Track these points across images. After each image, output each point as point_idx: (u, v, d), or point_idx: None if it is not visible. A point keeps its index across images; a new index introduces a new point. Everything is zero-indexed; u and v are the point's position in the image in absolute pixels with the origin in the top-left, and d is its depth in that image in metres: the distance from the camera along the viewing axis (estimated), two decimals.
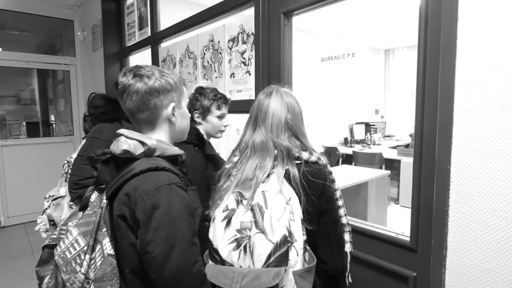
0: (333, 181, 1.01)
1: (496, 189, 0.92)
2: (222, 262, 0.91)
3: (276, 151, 0.97)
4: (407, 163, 4.55)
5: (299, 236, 0.89)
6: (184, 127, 0.96)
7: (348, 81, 5.67)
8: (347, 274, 1.07)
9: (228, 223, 0.91)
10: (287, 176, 0.94)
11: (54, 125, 4.69)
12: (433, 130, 1.05)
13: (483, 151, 0.94)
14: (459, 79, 0.97)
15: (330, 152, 4.95)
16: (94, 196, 0.85)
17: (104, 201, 0.81)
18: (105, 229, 0.78)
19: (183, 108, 0.94)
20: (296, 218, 0.90)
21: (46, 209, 1.59)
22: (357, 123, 5.90)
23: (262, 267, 0.86)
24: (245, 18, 1.80)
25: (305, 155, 0.98)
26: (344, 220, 1.05)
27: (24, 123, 4.34)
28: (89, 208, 0.83)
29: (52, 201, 1.58)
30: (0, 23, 4.11)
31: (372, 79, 6.37)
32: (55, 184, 1.68)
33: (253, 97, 1.77)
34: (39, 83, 4.63)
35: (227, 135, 2.03)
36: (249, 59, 1.80)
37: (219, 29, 2.01)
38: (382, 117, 6.81)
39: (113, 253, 0.77)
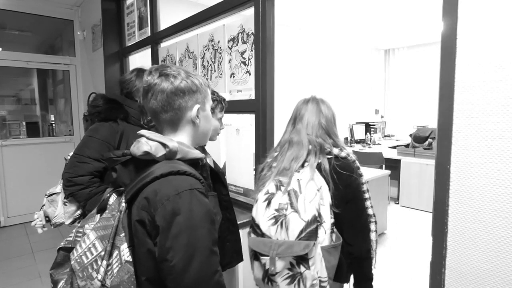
0: (360, 175, 1.18)
1: (496, 189, 0.92)
2: (262, 235, 1.11)
3: (310, 146, 1.17)
4: (407, 163, 4.55)
5: (327, 218, 1.08)
6: (207, 130, 0.94)
7: (348, 80, 5.67)
8: (373, 261, 1.22)
9: (268, 204, 1.12)
10: (319, 167, 1.13)
11: (54, 125, 4.69)
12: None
13: (483, 151, 0.94)
14: (459, 79, 0.97)
15: None
16: (112, 199, 0.82)
17: (123, 204, 0.78)
18: (123, 234, 0.75)
19: (207, 110, 0.92)
20: (325, 203, 1.09)
21: (44, 205, 1.60)
22: (357, 123, 5.91)
23: (295, 240, 1.04)
24: (245, 18, 1.80)
25: (335, 150, 1.17)
26: (370, 211, 1.21)
27: (24, 123, 4.34)
28: (107, 211, 0.80)
29: (47, 197, 1.59)
30: (0, 23, 4.11)
31: (372, 79, 6.37)
32: (55, 184, 1.68)
33: (253, 97, 1.77)
34: (39, 83, 4.64)
35: (227, 135, 2.04)
36: (249, 59, 1.80)
37: (219, 29, 2.01)
38: (382, 117, 6.81)
39: (131, 259, 0.74)
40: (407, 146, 4.85)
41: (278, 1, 1.72)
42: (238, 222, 1.70)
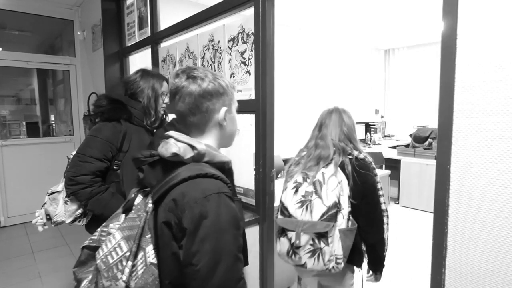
0: (375, 174, 1.41)
1: (496, 189, 0.92)
2: (290, 216, 1.35)
3: (334, 148, 1.42)
4: (407, 163, 4.55)
5: (346, 206, 1.32)
6: (232, 133, 0.93)
7: (348, 80, 5.67)
8: (385, 247, 1.44)
9: (296, 191, 1.37)
10: (341, 165, 1.38)
11: (54, 125, 4.69)
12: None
13: (483, 151, 0.94)
14: (459, 79, 0.97)
15: None
16: (138, 199, 0.81)
17: (150, 205, 0.76)
18: (149, 235, 0.74)
19: (233, 112, 0.91)
20: (344, 194, 1.33)
21: (45, 203, 1.60)
22: (357, 123, 5.89)
23: (318, 220, 1.28)
24: (245, 18, 1.80)
25: (355, 153, 1.43)
26: (383, 206, 1.43)
27: (24, 123, 4.34)
28: (133, 212, 0.78)
29: (49, 195, 1.59)
30: (0, 23, 4.11)
31: (372, 79, 6.37)
32: (55, 184, 1.68)
33: (253, 97, 1.77)
34: (39, 83, 4.64)
35: None
36: (249, 59, 1.80)
37: (219, 29, 2.01)
38: (382, 117, 6.81)
39: (156, 262, 0.73)
40: (407, 146, 4.85)
41: (278, 1, 1.72)
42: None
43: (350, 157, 1.41)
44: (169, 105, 0.85)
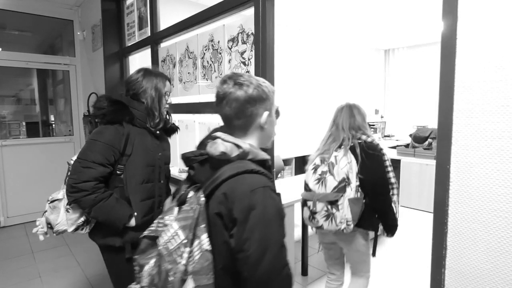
0: (383, 153, 1.72)
1: (496, 189, 0.92)
2: (310, 190, 1.75)
3: (344, 135, 1.77)
4: (407, 163, 4.55)
5: (353, 181, 1.65)
6: (271, 134, 1.01)
7: (348, 81, 5.67)
8: (395, 215, 1.73)
9: (315, 171, 1.76)
10: (352, 148, 1.71)
11: (54, 125, 4.69)
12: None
13: (483, 151, 0.94)
14: (459, 79, 0.97)
15: None
16: (190, 193, 0.89)
17: (202, 199, 0.85)
18: (203, 225, 0.82)
19: (273, 116, 0.99)
20: (353, 171, 1.66)
21: (46, 211, 1.54)
22: None
23: (330, 192, 1.66)
24: (245, 18, 1.80)
25: (364, 137, 1.76)
26: (392, 180, 1.75)
27: (24, 123, 4.34)
28: (187, 204, 0.86)
29: (49, 203, 1.53)
30: (0, 23, 4.11)
31: (372, 79, 6.37)
32: (55, 184, 1.68)
33: None
34: (39, 83, 4.64)
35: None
36: (249, 59, 1.80)
37: (219, 29, 2.01)
38: (382, 117, 6.81)
39: (210, 248, 0.81)
40: (407, 146, 4.85)
41: (278, 1, 1.72)
42: None
43: (359, 141, 1.73)
44: (217, 109, 0.92)
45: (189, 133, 2.43)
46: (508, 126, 0.88)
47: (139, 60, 3.37)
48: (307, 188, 1.78)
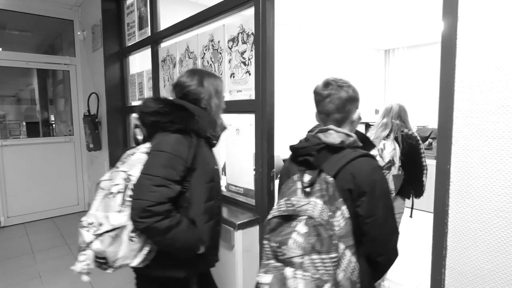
0: (419, 143, 2.34)
1: (496, 189, 0.92)
2: None
3: (392, 126, 2.36)
4: None
5: (397, 162, 2.26)
6: (355, 128, 1.19)
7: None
8: (423, 188, 2.49)
9: None
10: (396, 138, 2.30)
11: (54, 125, 4.69)
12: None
13: (483, 151, 0.94)
14: (459, 79, 0.97)
15: None
16: (307, 176, 1.03)
17: (331, 179, 1.01)
18: (340, 199, 0.99)
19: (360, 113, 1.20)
20: (396, 155, 2.26)
21: (91, 242, 1.14)
22: None
23: None
24: (245, 18, 1.80)
25: (405, 130, 2.36)
26: (424, 163, 2.37)
27: (24, 123, 4.34)
28: (317, 185, 1.01)
29: (106, 232, 1.14)
30: (0, 23, 4.11)
31: (372, 79, 6.36)
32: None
33: (253, 97, 1.77)
34: (39, 83, 4.64)
35: (227, 135, 2.03)
36: (249, 59, 1.80)
37: (219, 29, 2.01)
38: None
39: (349, 216, 0.99)
40: None
41: (278, 1, 1.72)
42: (238, 222, 1.71)
43: (402, 133, 2.34)
44: (320, 105, 1.14)
45: None
46: (508, 126, 0.88)
47: (139, 60, 3.37)
48: None
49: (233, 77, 1.93)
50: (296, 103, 4.68)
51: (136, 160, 1.20)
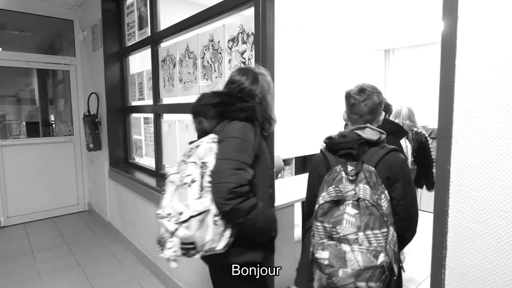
0: (427, 140, 2.68)
1: (496, 189, 0.92)
2: None
3: (404, 128, 2.51)
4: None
5: (409, 157, 2.57)
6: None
7: (348, 81, 5.66)
8: (434, 179, 2.17)
9: None
10: (408, 137, 2.56)
11: (54, 125, 4.69)
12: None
13: (483, 151, 0.94)
14: (459, 79, 0.97)
15: None
16: (350, 166, 1.21)
17: (372, 168, 1.18)
18: (383, 185, 1.17)
19: None
20: (408, 152, 2.54)
21: (176, 230, 1.17)
22: None
23: None
24: (245, 18, 1.80)
25: (415, 129, 2.72)
26: (433, 157, 2.62)
27: (24, 123, 4.34)
28: (361, 173, 1.16)
29: (192, 217, 1.16)
30: (0, 23, 4.11)
31: (372, 79, 6.36)
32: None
33: None
34: (39, 83, 4.64)
35: None
36: (249, 59, 1.80)
37: (219, 29, 2.01)
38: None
39: (390, 199, 1.19)
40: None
41: (278, 1, 1.72)
42: None
43: (411, 132, 2.71)
44: (357, 107, 1.34)
45: (189, 133, 2.43)
46: (508, 126, 0.88)
47: (139, 60, 3.38)
48: None
49: None
50: (296, 103, 4.68)
51: (206, 149, 1.24)
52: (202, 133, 1.35)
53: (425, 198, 4.37)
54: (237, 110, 1.27)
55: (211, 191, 1.17)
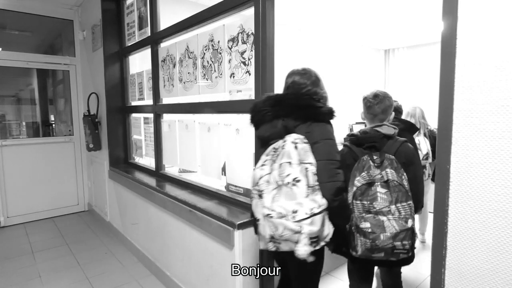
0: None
1: (496, 189, 0.92)
2: None
3: (420, 126, 3.11)
4: None
5: (430, 153, 3.08)
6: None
7: (348, 81, 5.67)
8: None
9: None
10: (424, 134, 3.13)
11: (54, 125, 4.69)
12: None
13: (483, 151, 0.94)
14: (459, 79, 0.97)
15: None
16: (375, 156, 1.46)
17: (392, 156, 1.45)
18: (402, 169, 1.44)
19: None
20: (429, 148, 3.07)
21: (300, 227, 1.21)
22: (357, 123, 5.89)
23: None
24: (245, 18, 1.80)
25: (428, 127, 3.16)
26: None
27: (24, 123, 4.34)
28: (386, 161, 1.43)
29: (315, 215, 1.21)
30: (0, 23, 4.11)
31: (372, 79, 6.36)
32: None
33: (253, 97, 1.77)
34: (39, 83, 4.64)
35: (227, 135, 2.04)
36: (249, 59, 1.80)
37: (219, 29, 2.01)
38: None
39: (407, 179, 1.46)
40: None
41: (278, 1, 1.72)
42: (238, 222, 1.71)
43: (427, 129, 3.08)
44: (372, 108, 1.66)
45: (189, 133, 2.43)
46: (508, 126, 0.88)
47: (139, 60, 3.38)
48: None
49: (233, 77, 1.93)
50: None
51: (302, 150, 1.29)
52: (282, 132, 1.37)
53: (425, 198, 4.36)
54: (323, 113, 1.39)
55: (320, 189, 1.27)
